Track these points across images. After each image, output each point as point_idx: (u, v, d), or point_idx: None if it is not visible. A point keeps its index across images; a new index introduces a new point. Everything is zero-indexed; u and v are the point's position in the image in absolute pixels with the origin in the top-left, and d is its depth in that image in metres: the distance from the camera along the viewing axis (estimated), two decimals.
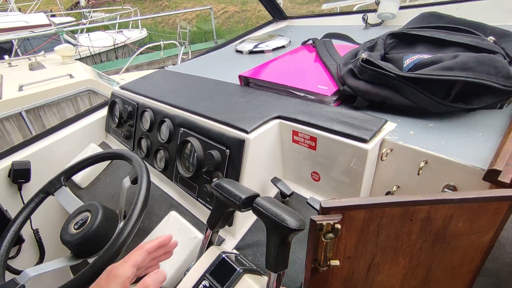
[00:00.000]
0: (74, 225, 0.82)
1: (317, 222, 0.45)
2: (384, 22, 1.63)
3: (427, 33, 0.88)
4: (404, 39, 0.93)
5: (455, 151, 0.61)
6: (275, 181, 0.77)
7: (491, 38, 0.79)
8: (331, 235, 0.46)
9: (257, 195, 0.59)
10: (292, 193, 0.75)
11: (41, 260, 1.19)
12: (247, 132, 0.75)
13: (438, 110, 0.72)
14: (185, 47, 5.72)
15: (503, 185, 0.53)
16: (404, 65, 0.81)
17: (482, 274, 0.60)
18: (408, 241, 0.51)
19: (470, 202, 0.47)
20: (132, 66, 6.94)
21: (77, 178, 1.15)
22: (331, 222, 0.45)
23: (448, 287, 0.60)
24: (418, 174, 0.62)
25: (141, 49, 6.04)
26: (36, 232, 1.16)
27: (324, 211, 0.46)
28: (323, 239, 0.46)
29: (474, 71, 0.64)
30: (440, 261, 0.55)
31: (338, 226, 0.45)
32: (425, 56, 0.77)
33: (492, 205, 0.49)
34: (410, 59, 0.80)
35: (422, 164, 0.62)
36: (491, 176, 0.53)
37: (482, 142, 0.63)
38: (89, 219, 0.82)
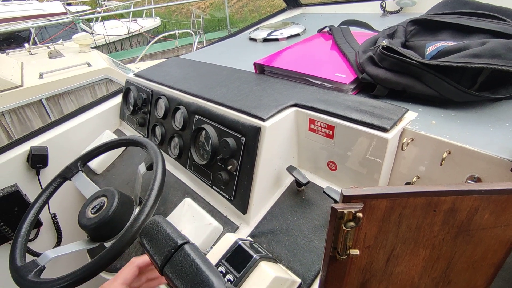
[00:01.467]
0: (91, 209, 0.84)
1: (338, 210, 0.44)
2: (403, 9, 1.58)
3: (451, 20, 0.85)
4: (426, 26, 0.90)
5: (480, 142, 0.59)
6: (290, 169, 0.76)
7: None
8: (352, 223, 0.45)
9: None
10: (308, 182, 0.75)
11: (58, 243, 1.22)
12: (263, 120, 0.74)
13: (463, 100, 0.69)
14: (200, 36, 5.70)
15: None
16: (427, 53, 0.78)
17: (502, 269, 0.59)
18: (430, 233, 0.50)
19: (498, 194, 0.45)
20: (147, 55, 6.97)
21: (93, 164, 1.16)
22: (353, 211, 0.44)
23: (469, 281, 0.58)
24: (441, 164, 0.60)
25: (156, 38, 6.05)
26: (53, 216, 1.19)
27: (346, 199, 0.45)
28: (344, 228, 0.45)
29: (504, 58, 0.61)
30: (461, 254, 0.53)
31: (360, 214, 0.44)
32: (450, 43, 0.74)
33: None
34: (434, 46, 0.77)
35: (445, 154, 0.60)
36: None
37: (509, 132, 0.61)
38: (105, 204, 0.83)
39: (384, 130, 0.64)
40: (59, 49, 3.83)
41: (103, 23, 7.41)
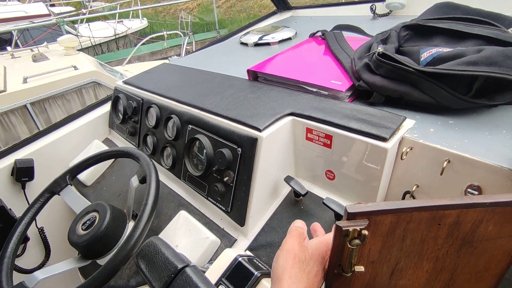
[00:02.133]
0: (82, 225, 0.80)
1: (343, 228, 0.43)
2: (392, 12, 1.59)
3: (444, 25, 0.85)
4: (419, 31, 0.90)
5: (479, 150, 0.59)
6: (288, 179, 0.75)
7: None
8: (357, 241, 0.44)
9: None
10: (307, 192, 0.73)
11: (47, 258, 1.18)
12: (259, 130, 0.72)
13: (460, 107, 0.69)
14: (189, 38, 5.64)
15: None
16: (422, 59, 0.78)
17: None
18: (433, 246, 0.49)
19: (502, 206, 0.45)
20: (134, 57, 6.86)
21: (82, 176, 1.12)
22: (358, 228, 0.43)
23: None
24: (441, 174, 0.60)
25: (144, 40, 5.95)
26: (41, 231, 1.14)
27: (350, 216, 0.43)
28: (349, 246, 0.44)
29: (501, 66, 0.61)
30: (465, 265, 0.53)
31: (366, 232, 0.43)
32: (444, 49, 0.74)
33: None
34: (428, 52, 0.77)
35: (445, 163, 0.59)
36: None
37: (507, 140, 0.61)
38: (97, 220, 0.80)
39: (383, 139, 0.63)
40: (43, 52, 3.72)
41: (88, 24, 7.24)
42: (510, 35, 0.74)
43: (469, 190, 0.61)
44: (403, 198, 0.70)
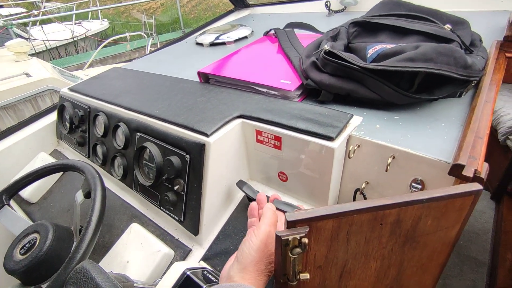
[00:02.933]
0: (20, 249, 0.73)
1: (283, 238, 0.41)
2: (346, 8, 1.61)
3: (388, 21, 0.86)
4: (366, 28, 0.91)
5: (421, 145, 0.60)
6: (240, 184, 0.73)
7: (448, 26, 0.79)
8: (298, 249, 0.42)
9: None
10: None
11: None
12: (207, 135, 0.69)
13: (403, 102, 0.70)
14: (153, 39, 5.44)
15: (467, 179, 0.52)
16: (368, 55, 0.79)
17: None
18: (378, 245, 0.49)
19: (437, 201, 0.46)
20: (96, 60, 6.52)
21: (25, 193, 1.03)
22: (298, 237, 0.41)
23: (419, 282, 0.59)
24: (386, 170, 0.60)
25: (106, 42, 5.67)
26: None
27: (290, 224, 0.42)
28: (290, 255, 0.43)
29: (435, 62, 0.62)
30: (410, 259, 0.54)
31: (305, 240, 0.41)
32: (388, 46, 0.75)
33: (457, 201, 0.47)
34: (373, 49, 0.78)
35: (389, 160, 0.60)
36: (456, 171, 0.52)
37: (445, 133, 0.63)
38: (38, 241, 0.74)
39: (330, 139, 0.63)
40: None
41: (42, 27, 6.77)
42: (446, 31, 0.76)
43: (413, 184, 0.62)
44: (354, 196, 0.70)
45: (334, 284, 0.53)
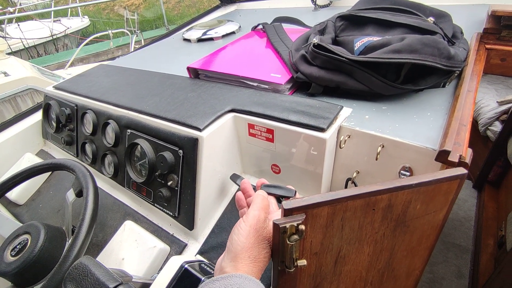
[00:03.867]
0: (11, 251, 0.72)
1: (280, 226, 0.42)
2: (332, 2, 1.63)
3: (374, 15, 0.88)
4: (353, 21, 0.93)
5: (408, 133, 0.62)
6: (234, 178, 0.73)
7: (431, 19, 0.81)
8: (295, 236, 0.43)
9: None
10: (253, 187, 0.72)
11: None
12: (199, 130, 0.70)
13: (390, 93, 0.72)
14: (137, 36, 5.32)
15: (452, 164, 0.55)
16: (355, 48, 0.80)
17: None
18: (371, 230, 0.51)
19: (426, 185, 0.48)
20: (77, 59, 6.33)
21: (12, 194, 1.01)
22: (295, 224, 0.43)
23: (409, 265, 0.62)
24: (376, 159, 0.62)
25: (88, 39, 5.50)
26: None
27: (287, 212, 0.43)
28: (288, 242, 0.44)
29: (420, 53, 0.65)
30: (401, 243, 0.56)
31: (302, 227, 0.43)
32: (375, 39, 0.77)
33: (444, 185, 0.50)
34: (361, 41, 0.80)
35: (379, 149, 0.62)
36: (442, 157, 0.54)
37: (431, 122, 0.65)
38: (29, 242, 0.72)
39: (321, 130, 0.64)
40: None
41: (18, 24, 6.52)
42: (429, 24, 0.79)
43: (402, 172, 0.64)
44: (346, 185, 0.72)
45: (330, 269, 0.54)
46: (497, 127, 1.75)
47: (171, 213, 0.76)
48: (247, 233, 0.47)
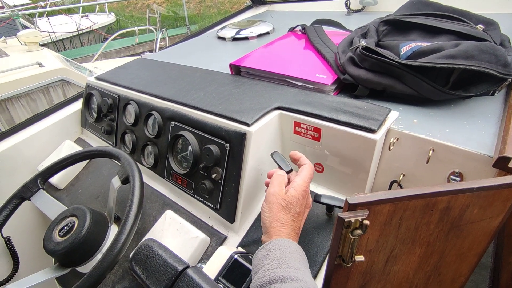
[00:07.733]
0: (59, 232, 0.75)
1: (345, 220, 0.43)
2: (365, 8, 1.63)
3: (420, 20, 0.88)
4: (397, 26, 0.93)
5: (460, 139, 0.62)
6: (275, 156, 0.70)
7: (480, 26, 0.81)
8: (359, 231, 0.44)
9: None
10: (291, 170, 0.70)
11: (15, 270, 1.09)
12: (248, 125, 0.71)
13: (439, 98, 0.72)
14: (162, 33, 5.43)
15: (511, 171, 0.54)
16: (402, 53, 0.80)
17: None
18: (426, 231, 0.51)
19: (486, 190, 0.48)
20: (100, 54, 6.51)
21: (54, 179, 1.05)
22: (360, 219, 0.43)
23: (456, 270, 0.62)
24: (427, 162, 0.62)
25: (115, 34, 5.65)
26: (7, 241, 1.05)
27: (351, 207, 0.44)
28: (351, 236, 0.44)
29: (477, 59, 0.64)
30: (452, 247, 0.56)
31: (367, 222, 0.43)
32: (424, 44, 0.77)
33: (505, 191, 0.49)
34: (408, 46, 0.80)
35: (430, 152, 0.62)
36: (502, 163, 0.54)
37: (482, 128, 0.65)
38: (76, 225, 0.75)
39: (372, 131, 0.65)
40: (1, 48, 3.42)
41: (48, 18, 6.74)
42: (479, 31, 0.78)
43: (452, 177, 0.64)
44: (390, 187, 0.72)
45: (380, 268, 0.55)
46: None
47: (212, 206, 0.78)
48: (268, 208, 0.57)
